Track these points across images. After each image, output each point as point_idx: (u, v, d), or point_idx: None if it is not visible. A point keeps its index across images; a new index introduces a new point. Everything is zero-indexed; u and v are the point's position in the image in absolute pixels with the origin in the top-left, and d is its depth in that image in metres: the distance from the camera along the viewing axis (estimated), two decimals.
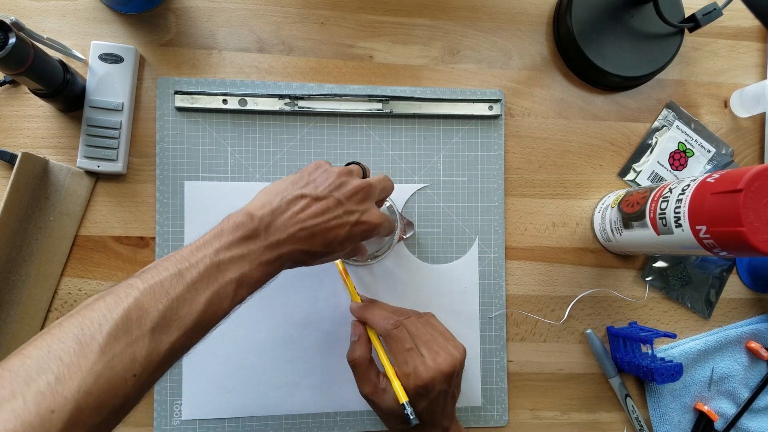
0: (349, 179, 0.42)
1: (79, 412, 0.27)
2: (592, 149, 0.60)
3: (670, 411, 0.58)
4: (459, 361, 0.44)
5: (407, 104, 0.57)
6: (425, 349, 0.44)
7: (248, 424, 0.53)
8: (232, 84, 0.55)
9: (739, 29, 0.63)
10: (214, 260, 0.35)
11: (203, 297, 0.34)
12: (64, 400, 0.26)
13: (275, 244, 0.38)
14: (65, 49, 0.51)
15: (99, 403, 0.28)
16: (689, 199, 0.44)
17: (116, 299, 0.31)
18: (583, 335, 0.59)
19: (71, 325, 0.29)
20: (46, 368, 0.27)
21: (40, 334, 0.30)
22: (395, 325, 0.45)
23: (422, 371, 0.42)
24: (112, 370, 0.29)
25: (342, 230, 0.40)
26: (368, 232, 0.42)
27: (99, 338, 0.29)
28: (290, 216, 0.39)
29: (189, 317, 0.33)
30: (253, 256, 0.37)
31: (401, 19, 0.58)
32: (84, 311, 0.30)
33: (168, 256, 0.35)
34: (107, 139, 0.52)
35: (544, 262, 0.59)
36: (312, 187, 0.40)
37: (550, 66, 0.60)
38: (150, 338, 0.31)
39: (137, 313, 0.31)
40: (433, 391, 0.43)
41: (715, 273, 0.61)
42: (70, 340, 0.28)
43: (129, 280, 0.33)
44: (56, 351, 0.28)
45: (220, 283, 0.35)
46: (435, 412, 0.44)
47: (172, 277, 0.33)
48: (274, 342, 0.54)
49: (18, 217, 0.50)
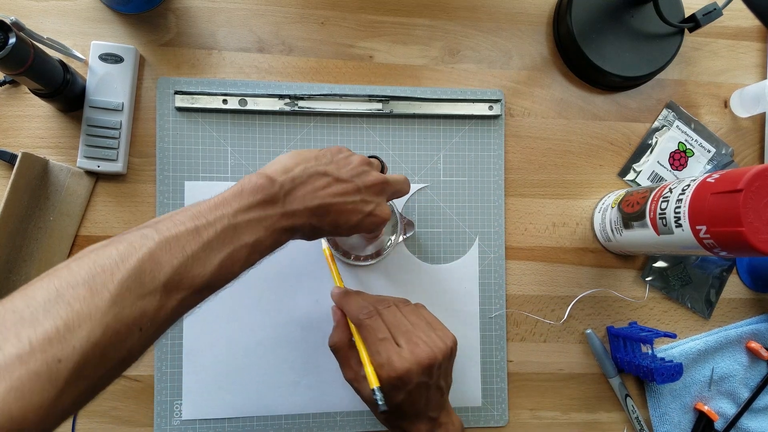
0: (370, 170, 0.42)
1: (86, 363, 0.26)
2: (592, 149, 0.60)
3: (670, 411, 0.58)
4: (442, 351, 0.42)
5: (407, 104, 0.57)
6: (403, 340, 0.42)
7: (248, 424, 0.53)
8: (232, 84, 0.55)
9: (739, 29, 0.63)
10: (232, 222, 0.34)
11: (217, 258, 0.33)
12: (72, 350, 0.25)
13: (291, 213, 0.37)
14: (65, 49, 0.51)
15: (104, 354, 0.27)
16: (689, 199, 0.44)
17: (130, 248, 0.30)
18: (583, 335, 0.59)
19: (81, 270, 0.28)
20: (54, 312, 0.26)
21: (45, 275, 0.28)
22: (368, 315, 0.44)
23: (396, 362, 0.41)
24: (121, 322, 0.27)
25: (355, 216, 0.40)
26: (375, 225, 0.42)
27: (110, 287, 0.28)
28: (311, 189, 0.38)
29: (201, 277, 0.32)
30: (268, 222, 0.36)
31: (401, 19, 0.58)
32: (93, 256, 0.29)
33: (183, 209, 0.34)
34: (107, 139, 0.52)
35: (544, 262, 0.59)
36: (335, 167, 0.40)
37: (550, 66, 0.60)
38: (161, 294, 0.30)
39: (151, 265, 0.30)
40: (410, 383, 0.41)
41: (715, 273, 0.61)
42: (81, 286, 0.27)
43: (143, 229, 0.32)
44: (65, 295, 0.26)
45: (235, 246, 0.34)
46: (417, 404, 0.42)
47: (189, 232, 0.32)
48: (275, 342, 0.54)
49: (18, 217, 0.50)
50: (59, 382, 0.25)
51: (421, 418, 0.43)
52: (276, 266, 0.54)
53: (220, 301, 0.53)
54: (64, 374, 0.25)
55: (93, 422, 0.52)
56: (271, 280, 0.54)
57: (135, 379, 0.53)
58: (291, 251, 0.54)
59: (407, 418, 0.43)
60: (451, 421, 0.45)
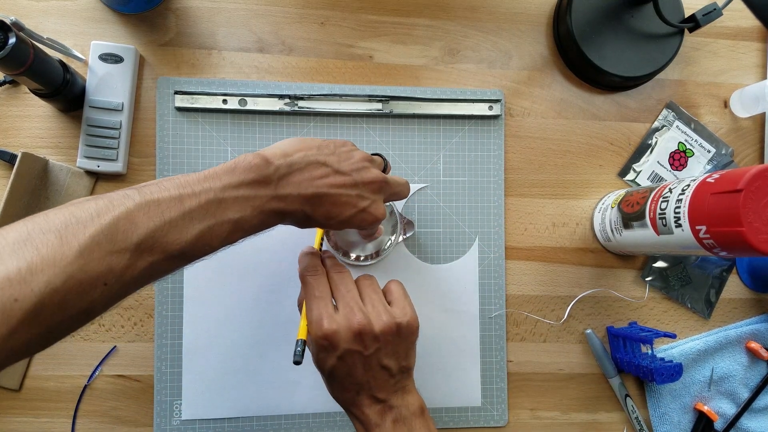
0: (370, 167, 0.42)
1: (42, 307, 0.26)
2: (592, 149, 0.60)
3: (670, 411, 0.58)
4: (382, 324, 0.40)
5: (407, 104, 0.57)
6: (341, 304, 0.41)
7: (248, 424, 0.53)
8: (232, 84, 0.55)
9: (739, 29, 0.63)
10: (218, 195, 0.34)
11: (196, 228, 0.33)
12: (30, 292, 0.26)
13: (283, 197, 0.37)
14: (65, 49, 0.51)
15: (64, 302, 0.27)
16: (689, 199, 0.44)
17: (108, 205, 0.30)
18: (583, 335, 0.59)
19: (56, 218, 0.29)
20: (20, 254, 0.26)
21: (23, 220, 0.29)
22: (313, 272, 0.43)
23: (325, 321, 0.39)
24: (85, 274, 0.28)
25: (348, 210, 0.40)
26: (368, 222, 0.42)
27: (81, 238, 0.28)
28: (308, 177, 0.38)
29: (176, 244, 0.32)
30: (257, 202, 0.36)
31: (401, 19, 0.58)
32: (72, 208, 0.30)
33: (172, 177, 0.34)
34: (107, 139, 0.52)
35: (544, 262, 0.59)
36: (335, 159, 0.40)
37: (550, 66, 0.60)
38: (132, 253, 0.30)
39: (126, 224, 0.30)
40: (337, 348, 0.39)
41: (715, 273, 0.61)
42: (52, 233, 0.28)
43: (127, 190, 0.32)
44: (35, 240, 0.27)
45: (217, 220, 0.34)
46: (353, 375, 0.40)
47: (172, 199, 0.32)
48: (275, 342, 0.54)
49: (18, 217, 0.49)
50: (12, 320, 0.25)
51: (363, 395, 0.41)
52: (276, 265, 0.54)
53: (220, 301, 0.53)
54: (18, 314, 0.26)
55: (93, 422, 0.52)
56: (270, 278, 0.54)
57: (135, 379, 0.53)
58: (291, 249, 0.54)
59: (346, 390, 0.41)
60: (405, 404, 0.42)
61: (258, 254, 0.54)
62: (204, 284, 0.53)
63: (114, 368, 0.53)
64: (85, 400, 0.52)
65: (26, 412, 0.52)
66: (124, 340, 0.53)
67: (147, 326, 0.53)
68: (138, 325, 0.53)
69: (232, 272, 0.54)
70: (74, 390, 0.52)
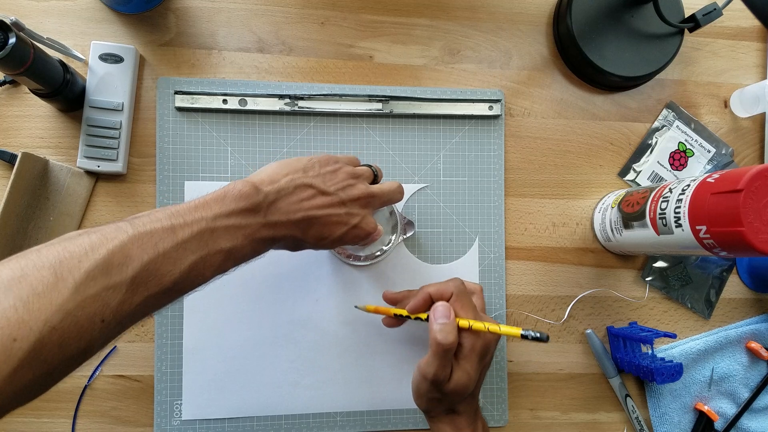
0: (356, 183, 0.43)
1: (42, 346, 0.26)
2: (592, 149, 0.60)
3: (670, 411, 0.58)
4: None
5: (407, 104, 0.57)
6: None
7: (248, 424, 0.53)
8: (232, 84, 0.55)
9: (739, 29, 0.63)
10: (210, 225, 0.34)
11: (190, 259, 0.33)
12: (29, 331, 0.25)
13: (273, 224, 0.38)
14: (65, 49, 0.51)
15: (63, 341, 0.27)
16: (689, 199, 0.44)
17: (102, 239, 0.30)
18: (583, 335, 0.59)
19: (50, 254, 0.28)
20: (16, 293, 0.26)
21: (14, 256, 0.28)
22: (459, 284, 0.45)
23: (488, 333, 0.43)
24: (83, 311, 0.27)
25: (339, 229, 0.41)
26: (360, 238, 0.43)
27: (76, 274, 0.28)
28: (295, 201, 0.39)
29: (170, 276, 0.32)
30: (248, 230, 0.36)
31: (401, 19, 0.58)
32: (65, 243, 0.29)
33: (164, 207, 0.34)
34: (107, 139, 0.52)
35: (544, 262, 0.59)
36: (320, 180, 0.41)
37: (550, 66, 0.60)
38: (127, 287, 0.30)
39: (120, 258, 0.29)
40: (488, 354, 0.44)
41: (715, 273, 0.61)
42: (47, 270, 0.27)
43: (119, 222, 0.32)
44: (30, 277, 0.26)
45: (209, 249, 0.34)
46: (483, 380, 0.45)
47: (164, 230, 0.32)
48: (275, 342, 0.54)
49: (18, 217, 0.50)
50: (13, 360, 0.25)
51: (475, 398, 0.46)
52: (276, 266, 0.54)
53: (220, 301, 0.53)
54: (18, 354, 0.25)
55: (93, 422, 0.52)
56: (271, 279, 0.54)
57: (135, 379, 0.53)
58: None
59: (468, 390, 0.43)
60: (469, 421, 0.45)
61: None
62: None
63: (114, 368, 0.53)
64: (85, 400, 0.52)
65: (26, 412, 0.52)
66: (124, 340, 0.53)
67: (147, 326, 0.53)
68: (138, 325, 0.53)
69: (233, 272, 0.54)
70: (74, 390, 0.52)
